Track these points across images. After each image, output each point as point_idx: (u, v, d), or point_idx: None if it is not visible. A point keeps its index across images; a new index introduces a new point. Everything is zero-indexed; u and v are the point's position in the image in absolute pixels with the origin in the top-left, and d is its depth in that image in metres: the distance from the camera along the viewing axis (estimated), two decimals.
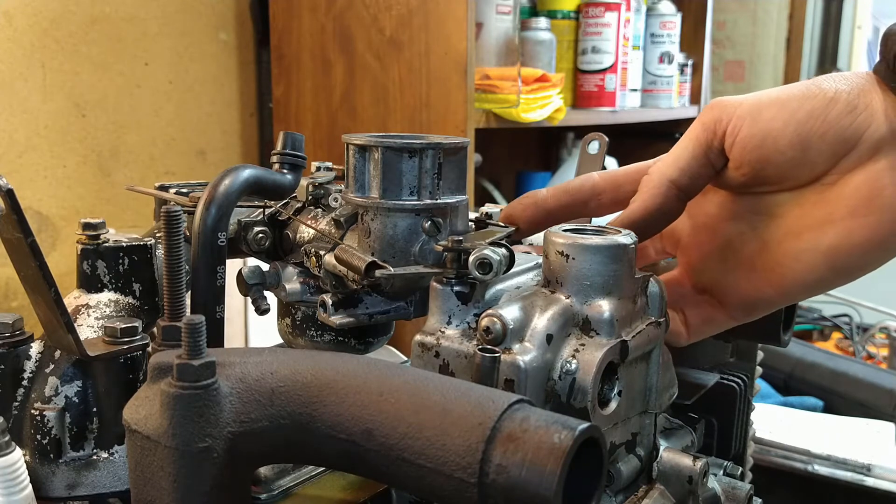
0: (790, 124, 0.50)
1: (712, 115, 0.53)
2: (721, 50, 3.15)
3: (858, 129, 0.49)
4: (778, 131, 0.50)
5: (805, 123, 0.50)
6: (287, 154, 0.61)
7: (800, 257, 0.52)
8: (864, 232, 0.50)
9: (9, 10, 1.39)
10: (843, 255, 0.51)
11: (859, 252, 0.51)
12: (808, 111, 0.50)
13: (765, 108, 0.51)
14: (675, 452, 0.54)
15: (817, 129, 0.50)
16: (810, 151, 0.50)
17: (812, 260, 0.52)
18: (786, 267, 0.53)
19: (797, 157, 0.51)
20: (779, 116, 0.50)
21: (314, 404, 0.40)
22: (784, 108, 0.50)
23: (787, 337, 0.66)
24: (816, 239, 0.52)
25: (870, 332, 1.91)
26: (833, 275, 0.52)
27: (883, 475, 1.17)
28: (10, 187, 0.46)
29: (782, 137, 0.50)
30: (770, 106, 0.51)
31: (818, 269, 0.52)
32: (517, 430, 0.36)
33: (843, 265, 0.52)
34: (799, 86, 0.52)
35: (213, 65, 1.71)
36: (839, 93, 0.50)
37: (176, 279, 0.50)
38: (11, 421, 0.55)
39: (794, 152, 0.50)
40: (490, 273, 0.46)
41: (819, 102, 0.50)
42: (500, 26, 1.65)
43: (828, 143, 0.50)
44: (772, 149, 0.51)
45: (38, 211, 1.46)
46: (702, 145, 0.53)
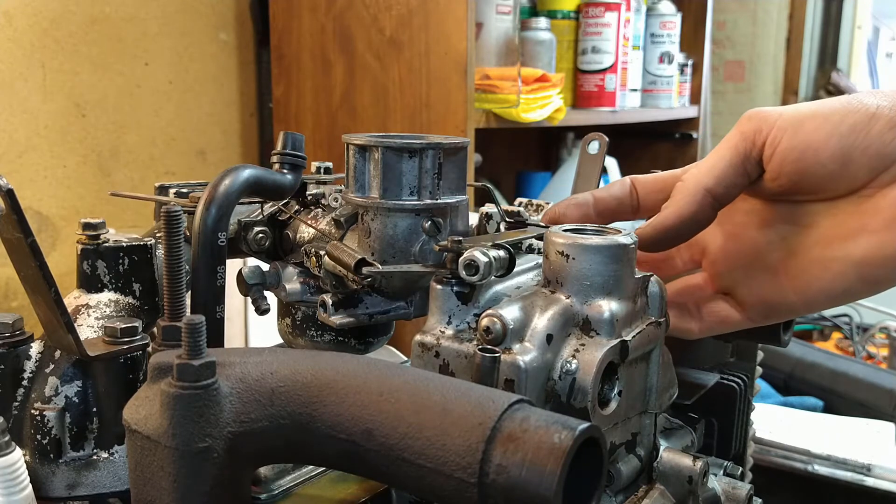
0: (833, 137, 0.50)
1: (752, 125, 0.53)
2: (721, 50, 3.15)
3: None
4: (820, 143, 0.51)
5: (847, 137, 0.50)
6: (287, 154, 0.61)
7: (829, 266, 0.53)
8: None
9: (9, 10, 1.39)
10: (874, 266, 0.51)
11: (891, 265, 0.51)
12: (851, 125, 0.50)
13: (806, 120, 0.51)
14: (675, 452, 0.54)
15: (860, 144, 0.50)
16: (851, 165, 0.51)
17: (841, 269, 0.52)
18: (812, 274, 0.53)
19: (837, 171, 0.51)
20: (821, 129, 0.51)
21: (314, 404, 0.40)
22: (827, 120, 0.51)
23: (787, 337, 0.66)
24: (848, 249, 0.52)
25: (870, 332, 1.91)
26: (861, 285, 0.53)
27: (883, 475, 1.17)
28: (10, 187, 0.46)
29: (824, 150, 0.51)
30: (812, 118, 0.51)
31: (847, 278, 0.52)
32: (517, 430, 0.36)
33: (872, 276, 0.52)
34: (841, 100, 0.52)
35: (213, 65, 1.71)
36: (881, 108, 0.50)
37: (176, 279, 0.50)
38: (11, 421, 0.55)
39: (835, 165, 0.51)
40: (476, 275, 0.46)
41: (862, 117, 0.50)
42: (500, 26, 1.65)
43: (869, 158, 0.50)
44: (812, 161, 0.51)
45: (38, 211, 1.46)
46: (740, 155, 0.53)
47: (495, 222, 0.63)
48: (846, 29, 3.37)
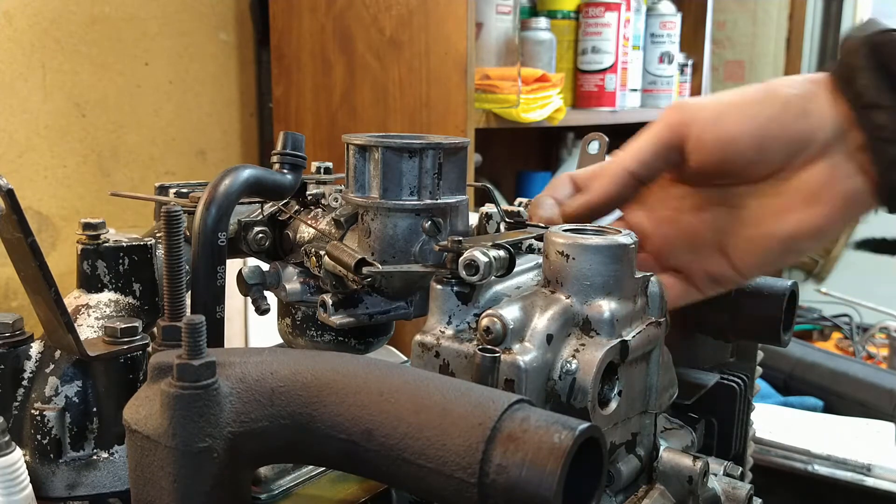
0: (750, 128, 0.56)
1: (676, 116, 0.58)
2: (721, 50, 3.15)
3: (810, 131, 0.55)
4: (739, 135, 0.56)
5: (763, 128, 0.56)
6: (287, 154, 0.61)
7: (758, 242, 0.58)
8: (816, 220, 0.56)
9: (9, 10, 1.39)
10: (797, 240, 0.57)
11: (810, 237, 0.57)
12: (767, 116, 0.56)
13: (726, 114, 0.56)
14: (675, 452, 0.54)
15: (774, 133, 0.56)
16: (768, 152, 0.56)
17: (769, 245, 0.58)
18: (745, 250, 0.59)
19: (755, 158, 0.56)
20: (740, 121, 0.56)
21: (314, 404, 0.40)
22: (744, 113, 0.56)
23: (787, 337, 0.66)
24: (772, 227, 0.58)
25: (870, 332, 1.91)
26: (787, 256, 0.60)
27: (883, 475, 1.17)
28: (10, 187, 0.46)
29: (743, 141, 0.56)
30: (731, 111, 0.56)
31: (774, 252, 0.59)
32: (517, 430, 0.36)
33: (795, 248, 0.59)
34: (757, 91, 0.57)
35: (213, 65, 1.71)
36: (792, 98, 0.56)
37: (176, 279, 0.50)
38: (11, 421, 0.55)
39: (753, 154, 0.56)
40: (477, 275, 0.46)
41: (776, 108, 0.56)
42: (500, 26, 1.65)
43: (783, 145, 0.56)
44: (733, 151, 0.56)
45: (38, 211, 1.46)
46: (664, 144, 0.58)
47: (495, 222, 0.63)
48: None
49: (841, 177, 0.55)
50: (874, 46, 0.53)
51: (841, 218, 0.56)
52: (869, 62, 0.53)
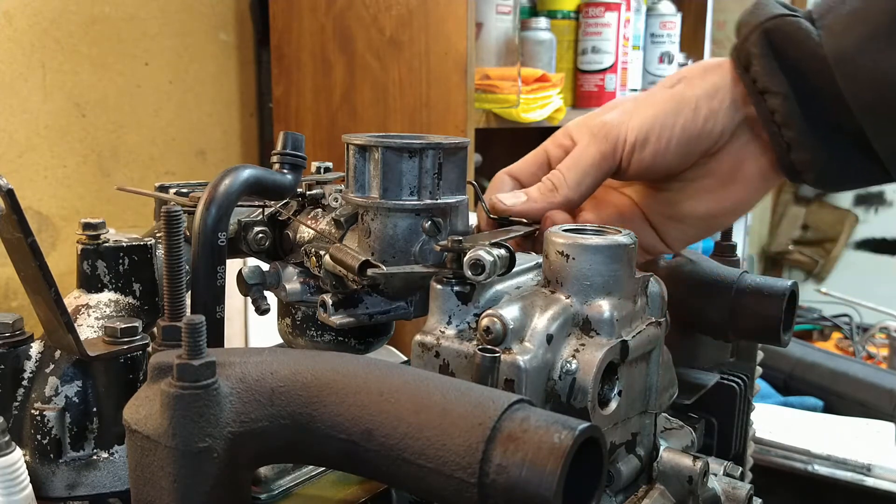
0: (672, 141, 0.60)
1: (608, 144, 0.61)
2: (721, 50, 3.14)
3: (720, 126, 0.60)
4: (664, 149, 0.61)
5: (681, 136, 0.60)
6: (287, 154, 0.61)
7: (683, 221, 0.64)
8: (732, 198, 0.62)
9: (9, 10, 1.39)
10: (715, 217, 0.64)
11: (728, 214, 0.64)
12: (682, 126, 0.60)
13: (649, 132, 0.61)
14: (675, 452, 0.54)
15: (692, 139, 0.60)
16: (684, 156, 0.61)
17: (692, 222, 0.64)
18: (671, 227, 0.65)
19: (674, 161, 0.61)
20: (662, 137, 0.60)
21: (314, 404, 0.40)
22: (662, 126, 0.60)
23: (787, 337, 0.66)
24: (694, 207, 0.63)
25: (870, 332, 1.91)
26: (707, 231, 0.65)
27: (883, 475, 1.17)
28: (11, 187, 0.46)
29: (667, 153, 0.61)
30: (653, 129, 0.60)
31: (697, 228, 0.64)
32: (517, 430, 0.36)
33: (714, 224, 0.65)
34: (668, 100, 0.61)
35: (213, 65, 1.71)
36: (700, 101, 0.60)
37: (176, 279, 0.50)
38: (11, 421, 0.55)
39: (677, 160, 0.61)
40: (483, 274, 0.46)
41: (688, 114, 0.60)
42: (500, 26, 1.65)
43: (699, 145, 0.61)
44: (661, 162, 0.61)
45: (38, 211, 1.46)
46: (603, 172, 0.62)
47: None
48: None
49: (750, 157, 0.61)
50: (765, 32, 0.57)
51: (755, 194, 0.62)
52: (762, 49, 0.57)
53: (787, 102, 0.57)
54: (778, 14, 0.57)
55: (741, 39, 0.59)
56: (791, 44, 0.56)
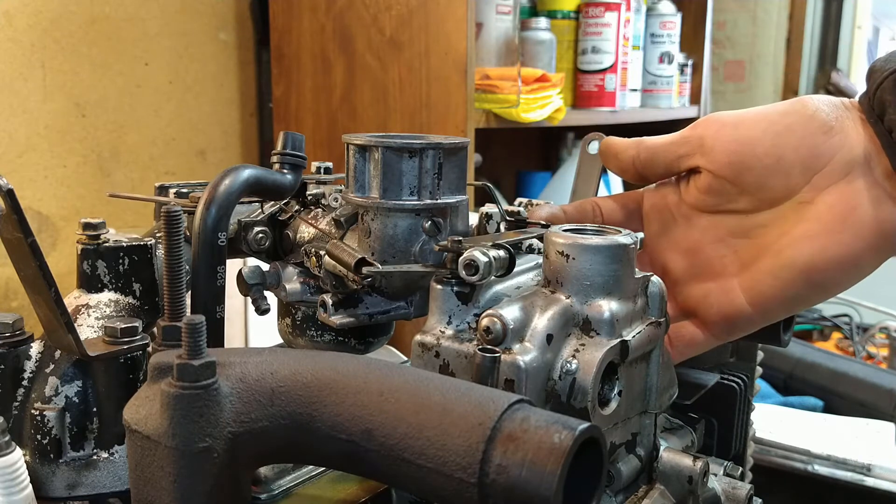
0: (768, 134, 0.54)
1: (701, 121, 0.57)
2: (721, 50, 3.15)
3: (832, 148, 0.53)
4: (756, 139, 0.54)
5: (781, 135, 0.53)
6: (287, 154, 0.61)
7: (777, 274, 0.54)
8: (839, 248, 0.52)
9: (9, 10, 1.39)
10: (818, 270, 0.53)
11: (834, 268, 0.53)
12: (787, 125, 0.53)
13: (748, 119, 0.55)
14: (675, 452, 0.54)
15: (792, 142, 0.53)
16: (784, 161, 0.53)
17: (789, 276, 0.54)
18: (764, 284, 0.55)
19: (772, 165, 0.54)
20: (758, 126, 0.54)
21: (314, 404, 0.40)
22: (765, 119, 0.54)
23: (787, 337, 0.66)
24: (793, 256, 0.54)
25: (870, 332, 1.91)
26: (809, 290, 0.55)
27: (883, 475, 1.17)
28: (11, 187, 0.46)
29: (759, 145, 0.54)
30: (753, 117, 0.55)
31: (795, 284, 0.54)
32: (517, 430, 0.36)
33: (818, 281, 0.54)
34: (785, 102, 0.55)
35: (213, 65, 1.71)
36: (818, 112, 0.53)
37: (176, 279, 0.50)
38: (11, 421, 0.55)
39: (769, 160, 0.54)
40: (476, 275, 0.46)
41: (798, 119, 0.53)
42: (500, 26, 1.65)
43: (801, 156, 0.53)
44: (749, 154, 0.54)
45: (38, 211, 1.46)
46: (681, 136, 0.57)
47: (495, 222, 0.63)
48: (846, 29, 3.36)
49: (867, 202, 0.52)
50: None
51: (870, 247, 0.52)
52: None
53: None
54: None
55: (873, 86, 0.52)
56: None
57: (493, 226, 0.63)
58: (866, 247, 0.53)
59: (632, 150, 0.60)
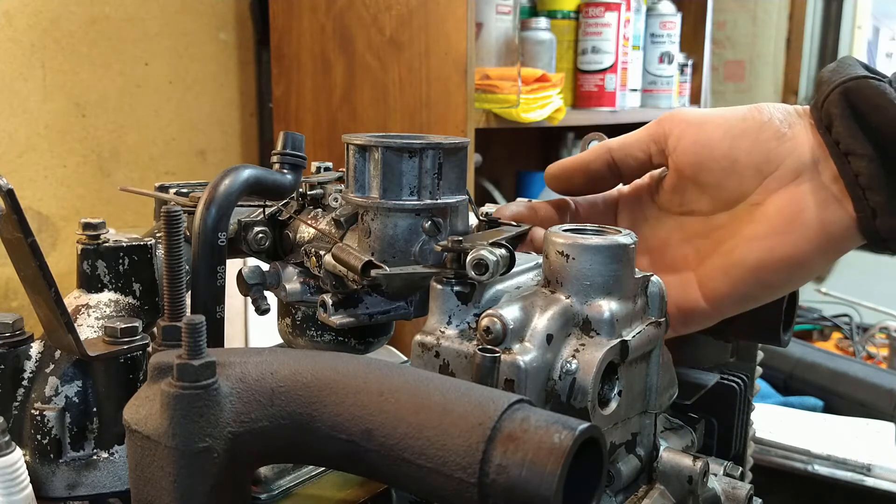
0: (725, 138, 0.57)
1: (668, 120, 0.60)
2: (721, 50, 3.15)
3: (783, 153, 0.55)
4: (714, 142, 0.57)
5: (737, 139, 0.57)
6: (287, 154, 0.61)
7: (729, 272, 0.57)
8: (786, 249, 0.55)
9: (9, 10, 1.39)
10: (767, 270, 0.56)
11: (782, 268, 0.56)
12: (743, 129, 0.57)
13: (709, 122, 0.58)
14: (675, 452, 0.54)
15: (746, 147, 0.56)
16: (738, 164, 0.56)
17: (740, 275, 0.57)
18: (717, 281, 0.58)
19: (727, 167, 0.57)
20: (718, 129, 0.57)
21: (314, 404, 0.40)
22: (724, 123, 0.57)
23: (787, 337, 0.66)
24: (743, 255, 0.56)
25: (870, 332, 1.91)
26: (758, 289, 0.57)
27: (883, 475, 1.17)
28: (11, 187, 0.46)
29: (717, 148, 0.57)
30: (714, 120, 0.58)
31: (746, 283, 0.57)
32: (517, 430, 0.36)
33: (767, 280, 0.56)
34: (743, 108, 0.58)
35: (213, 65, 1.71)
36: (772, 119, 0.56)
37: (176, 279, 0.50)
38: (11, 421, 0.55)
39: (725, 162, 0.57)
40: (486, 274, 0.46)
41: (753, 124, 0.57)
42: (500, 26, 1.65)
43: (754, 160, 0.56)
44: (708, 156, 0.57)
45: (38, 211, 1.46)
46: (649, 135, 0.60)
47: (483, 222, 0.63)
48: (846, 29, 3.36)
49: (814, 204, 0.54)
50: (847, 93, 0.53)
51: (816, 248, 0.55)
52: (844, 110, 0.53)
53: (872, 165, 0.52)
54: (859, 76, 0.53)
55: (821, 98, 0.55)
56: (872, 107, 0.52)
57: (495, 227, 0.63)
58: (812, 248, 0.55)
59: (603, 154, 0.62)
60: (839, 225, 0.54)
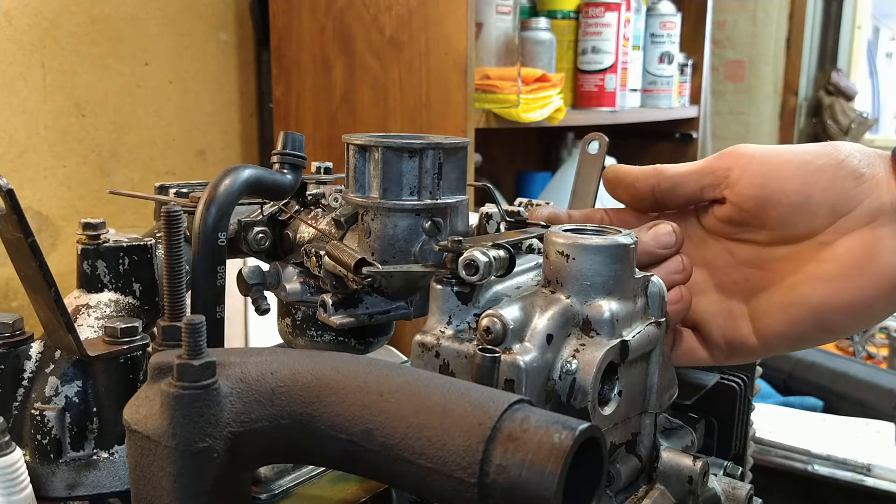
0: (798, 171, 0.53)
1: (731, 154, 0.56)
2: (721, 50, 3.15)
3: (860, 194, 0.52)
4: (786, 175, 0.53)
5: (812, 175, 0.53)
6: (287, 154, 0.61)
7: (788, 310, 0.54)
8: (853, 293, 0.52)
9: (9, 10, 1.39)
10: (829, 312, 0.53)
11: (845, 312, 0.53)
12: (819, 165, 0.53)
13: (778, 154, 0.54)
14: (675, 452, 0.54)
15: (822, 183, 0.52)
16: (811, 201, 0.53)
17: (799, 314, 0.54)
18: (772, 317, 0.55)
19: (798, 204, 0.53)
20: (790, 163, 0.53)
21: (314, 404, 0.40)
22: (796, 157, 0.53)
23: None
24: (806, 294, 0.53)
25: (870, 332, 1.91)
26: (816, 331, 0.54)
27: (883, 475, 1.17)
28: (11, 187, 0.46)
29: (789, 182, 0.53)
30: (783, 153, 0.54)
31: (803, 323, 0.54)
32: (517, 430, 0.36)
33: (827, 323, 0.53)
34: (816, 144, 0.54)
35: (213, 65, 1.71)
36: (851, 157, 0.53)
37: (176, 279, 0.50)
38: (11, 421, 0.55)
39: (797, 198, 0.53)
40: (476, 275, 0.46)
41: (830, 160, 0.53)
42: (500, 26, 1.65)
43: (829, 199, 0.52)
44: (776, 189, 0.53)
45: (38, 211, 1.46)
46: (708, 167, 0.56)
47: (495, 222, 0.63)
48: (846, 29, 3.37)
49: (889, 251, 0.51)
50: None
51: (884, 296, 0.52)
52: None
53: None
54: None
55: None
56: None
57: (493, 226, 0.63)
58: (880, 295, 0.52)
59: (651, 178, 0.57)
60: None
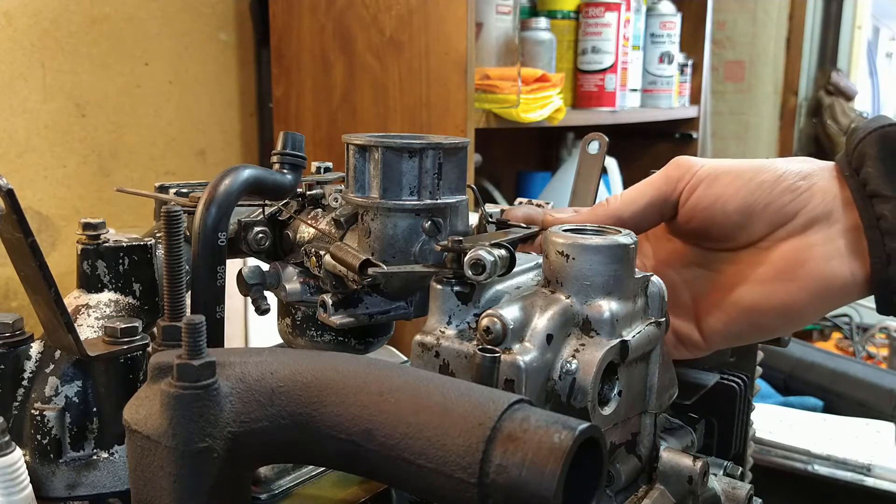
0: (741, 192, 0.56)
1: (678, 172, 0.58)
2: (721, 50, 3.15)
3: (797, 206, 0.55)
4: (728, 196, 0.56)
5: (753, 193, 0.56)
6: (287, 154, 0.61)
7: (724, 309, 0.58)
8: (783, 296, 0.55)
9: (9, 10, 1.39)
10: (760, 313, 0.57)
11: (775, 314, 0.56)
12: (758, 183, 0.56)
13: (722, 175, 0.57)
14: (675, 452, 0.54)
15: (762, 201, 0.56)
16: (752, 218, 0.56)
17: (734, 314, 0.58)
18: (712, 316, 0.59)
19: (740, 222, 0.57)
20: (733, 184, 0.56)
21: (314, 404, 0.40)
22: (739, 177, 0.57)
23: (788, 337, 0.66)
24: (741, 295, 0.57)
25: (870, 332, 1.91)
26: (750, 330, 0.59)
27: (883, 475, 1.17)
28: (11, 187, 0.46)
29: (731, 203, 0.56)
30: (727, 173, 0.57)
31: (739, 323, 0.58)
32: (517, 430, 0.36)
33: (759, 323, 0.57)
34: (758, 161, 0.58)
35: (213, 65, 1.71)
36: (788, 173, 0.56)
37: (176, 279, 0.50)
38: (11, 421, 0.55)
39: (738, 217, 0.56)
40: (483, 274, 0.46)
41: (769, 177, 0.56)
42: (500, 26, 1.65)
43: (768, 214, 0.56)
44: (720, 211, 0.57)
45: (38, 211, 1.46)
46: (660, 195, 0.59)
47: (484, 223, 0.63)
48: (846, 29, 3.37)
49: (819, 257, 0.55)
50: (886, 135, 0.54)
51: (812, 300, 0.55)
52: (879, 152, 0.53)
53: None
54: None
55: (855, 142, 0.55)
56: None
57: (493, 227, 0.63)
58: (809, 298, 0.55)
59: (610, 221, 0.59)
60: (840, 280, 0.54)
